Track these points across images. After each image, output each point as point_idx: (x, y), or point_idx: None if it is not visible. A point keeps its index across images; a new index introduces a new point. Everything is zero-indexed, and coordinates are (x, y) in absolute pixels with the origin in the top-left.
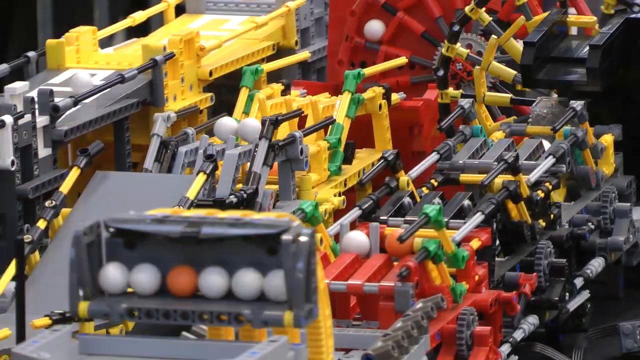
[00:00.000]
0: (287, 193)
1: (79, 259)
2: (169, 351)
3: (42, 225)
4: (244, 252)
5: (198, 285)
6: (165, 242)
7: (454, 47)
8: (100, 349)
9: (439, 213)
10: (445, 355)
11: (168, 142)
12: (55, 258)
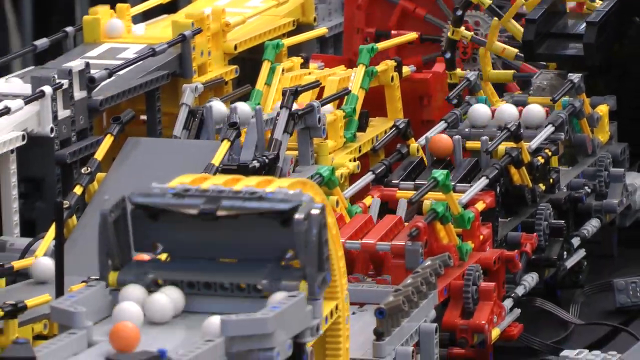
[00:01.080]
0: (306, 158)
1: (106, 235)
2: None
3: (78, 191)
4: (259, 226)
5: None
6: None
7: (459, 30)
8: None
9: (446, 177)
10: (453, 309)
11: (196, 111)
12: (92, 222)
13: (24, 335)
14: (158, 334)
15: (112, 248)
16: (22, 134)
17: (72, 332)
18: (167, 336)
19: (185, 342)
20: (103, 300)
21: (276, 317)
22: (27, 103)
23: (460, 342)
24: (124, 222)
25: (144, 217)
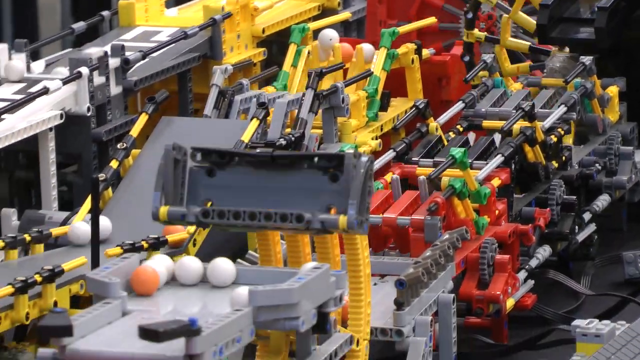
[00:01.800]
0: (330, 137)
1: (166, 170)
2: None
3: (114, 165)
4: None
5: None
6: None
7: (473, 32)
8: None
9: (464, 155)
10: (469, 281)
11: (225, 91)
12: (126, 194)
13: (62, 296)
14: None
15: (167, 183)
16: (61, 112)
17: (106, 302)
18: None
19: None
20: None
21: (301, 288)
22: (65, 83)
23: (477, 311)
24: (182, 168)
25: (201, 173)
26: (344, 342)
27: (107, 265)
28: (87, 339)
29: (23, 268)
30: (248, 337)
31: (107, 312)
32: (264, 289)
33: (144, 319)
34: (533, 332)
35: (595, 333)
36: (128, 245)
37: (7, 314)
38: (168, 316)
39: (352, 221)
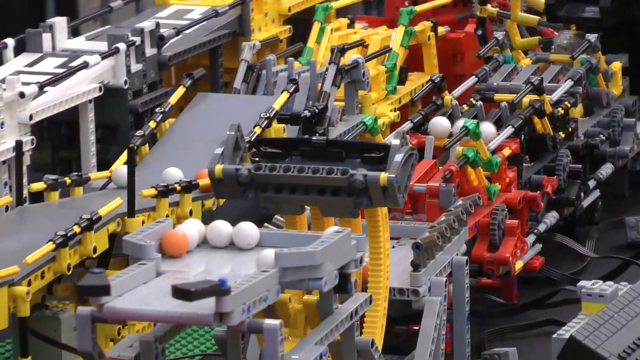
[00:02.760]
0: (352, 109)
1: (228, 138)
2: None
3: (152, 124)
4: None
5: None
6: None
7: (486, 8)
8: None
9: (476, 126)
10: (481, 244)
11: (254, 66)
12: (160, 153)
13: (100, 238)
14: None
15: (228, 149)
16: (99, 85)
17: (142, 263)
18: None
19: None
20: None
21: (324, 251)
22: (103, 58)
23: (488, 273)
24: (241, 138)
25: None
26: (363, 302)
27: (142, 229)
28: (123, 298)
29: (63, 208)
30: (274, 296)
31: (142, 273)
32: (289, 251)
33: (176, 279)
34: (541, 292)
35: (599, 293)
36: (162, 187)
37: (50, 267)
38: (199, 276)
39: (392, 179)
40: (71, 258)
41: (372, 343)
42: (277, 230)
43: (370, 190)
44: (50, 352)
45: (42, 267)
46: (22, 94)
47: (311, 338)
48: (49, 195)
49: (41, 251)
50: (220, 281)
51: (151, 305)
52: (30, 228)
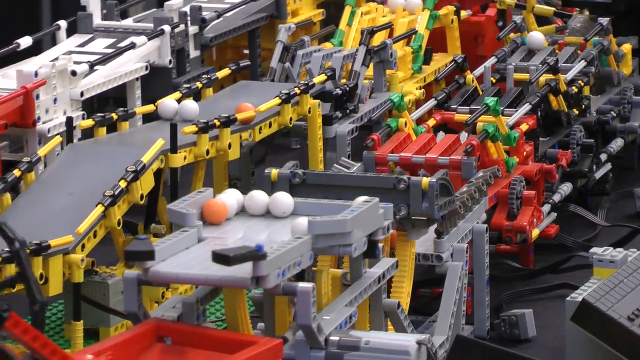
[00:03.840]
0: (380, 87)
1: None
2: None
3: (199, 85)
4: None
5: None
6: None
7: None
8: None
9: (496, 103)
10: (500, 213)
11: (289, 47)
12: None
13: (146, 179)
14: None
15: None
16: (146, 64)
17: (184, 230)
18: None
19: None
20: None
21: (354, 219)
22: (150, 39)
23: (506, 240)
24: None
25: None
26: (390, 266)
27: (184, 198)
28: (167, 262)
29: (111, 143)
30: (307, 261)
31: (185, 239)
32: (321, 219)
33: (216, 245)
34: (555, 258)
35: (610, 259)
36: (202, 123)
37: (102, 224)
38: (237, 242)
39: (433, 183)
40: (120, 208)
41: (398, 305)
42: (309, 200)
43: (411, 190)
44: (99, 315)
45: (94, 227)
46: (74, 72)
47: (341, 300)
48: (97, 131)
49: (91, 217)
50: (257, 247)
51: (192, 270)
52: (82, 173)
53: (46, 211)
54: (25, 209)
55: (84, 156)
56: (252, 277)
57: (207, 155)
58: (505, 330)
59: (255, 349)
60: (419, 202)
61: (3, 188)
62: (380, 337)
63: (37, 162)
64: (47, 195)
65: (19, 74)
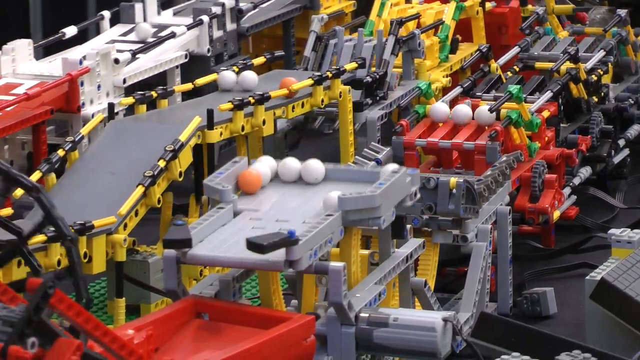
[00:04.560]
0: (409, 75)
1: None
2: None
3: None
4: None
5: None
6: None
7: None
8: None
9: (519, 91)
10: (523, 195)
11: (322, 36)
12: None
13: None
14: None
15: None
16: (185, 53)
17: (220, 207)
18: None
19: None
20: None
21: (383, 193)
22: (189, 29)
23: (528, 221)
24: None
25: None
26: (417, 246)
27: (220, 171)
28: (204, 244)
29: (151, 121)
30: (338, 236)
31: (221, 217)
32: (351, 195)
33: (251, 219)
34: (575, 239)
35: (627, 240)
36: (237, 100)
37: (142, 203)
38: (271, 212)
39: (460, 184)
40: (160, 186)
41: (425, 283)
42: (338, 166)
43: (439, 189)
44: (140, 292)
45: (135, 207)
46: (117, 60)
47: (371, 278)
48: (138, 109)
49: (132, 198)
50: (289, 233)
51: (229, 253)
52: (125, 151)
53: (89, 191)
54: (69, 189)
55: (125, 134)
56: (285, 261)
57: (242, 131)
58: (527, 307)
59: (289, 325)
60: (446, 201)
61: (48, 168)
62: (407, 314)
63: (80, 141)
64: (90, 175)
65: (65, 61)
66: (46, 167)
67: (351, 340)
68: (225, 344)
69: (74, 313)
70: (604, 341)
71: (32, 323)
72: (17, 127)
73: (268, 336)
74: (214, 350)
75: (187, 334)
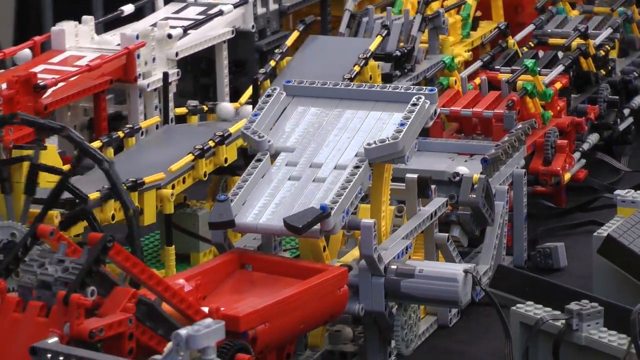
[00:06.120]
0: (434, 49)
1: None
2: (359, 95)
3: (272, 63)
4: None
5: None
6: None
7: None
8: (304, 92)
9: (534, 64)
10: (537, 159)
11: (355, 14)
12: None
13: (231, 150)
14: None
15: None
16: (232, 29)
17: (258, 159)
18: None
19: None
20: (278, 101)
21: (405, 135)
22: (235, 7)
23: (542, 182)
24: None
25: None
26: (441, 205)
27: (256, 113)
28: (246, 209)
29: (201, 128)
30: (367, 184)
31: (260, 169)
32: (376, 145)
33: (287, 165)
34: (584, 199)
35: (631, 200)
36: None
37: (190, 174)
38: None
39: (482, 179)
40: (207, 167)
41: (448, 238)
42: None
43: (462, 183)
44: (190, 242)
45: (184, 173)
46: (170, 36)
47: (399, 234)
48: (190, 119)
49: (183, 161)
50: (321, 208)
51: (269, 222)
52: (174, 143)
53: (143, 161)
54: (125, 160)
55: (177, 133)
56: (320, 231)
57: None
58: (540, 260)
59: (324, 276)
60: (467, 192)
61: (107, 142)
62: (432, 266)
63: (138, 131)
64: (145, 153)
65: (123, 36)
66: (106, 139)
67: (381, 289)
68: (267, 292)
69: (131, 264)
70: (609, 292)
71: (92, 273)
72: (80, 95)
73: (305, 286)
74: (256, 298)
75: (232, 284)
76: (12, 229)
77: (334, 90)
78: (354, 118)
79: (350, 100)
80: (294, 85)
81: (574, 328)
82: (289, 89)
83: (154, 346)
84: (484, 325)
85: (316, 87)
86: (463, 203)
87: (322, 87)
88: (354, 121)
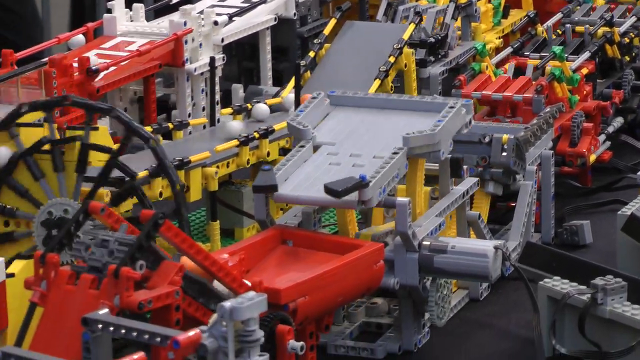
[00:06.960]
0: (467, 36)
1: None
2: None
3: (311, 54)
4: None
5: None
6: None
7: None
8: (347, 102)
9: (562, 51)
10: (564, 141)
11: (392, 3)
12: (320, 75)
13: (273, 149)
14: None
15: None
16: (274, 16)
17: (301, 145)
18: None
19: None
20: (322, 105)
21: (442, 129)
22: None
23: (568, 163)
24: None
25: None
26: (472, 184)
27: (301, 109)
28: (288, 184)
29: (246, 127)
30: (403, 170)
31: (303, 154)
32: (414, 135)
33: (329, 154)
34: (609, 179)
35: None
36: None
37: (234, 160)
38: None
39: (512, 140)
40: (250, 157)
41: (479, 216)
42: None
43: (493, 143)
44: (234, 218)
45: (228, 158)
46: (216, 22)
47: (432, 211)
48: (235, 117)
49: (228, 144)
50: (360, 177)
51: (309, 193)
52: (220, 136)
53: (190, 146)
54: (173, 145)
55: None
56: (359, 201)
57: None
58: (567, 237)
59: (362, 251)
60: (499, 154)
61: (157, 129)
62: (463, 242)
63: (186, 126)
64: (192, 141)
65: (171, 23)
66: (156, 127)
67: (415, 264)
68: (307, 267)
69: (180, 240)
70: (633, 268)
71: (142, 248)
72: (130, 79)
73: (343, 261)
74: (296, 272)
75: (274, 258)
76: (65, 206)
77: (375, 100)
78: (393, 122)
79: (390, 110)
80: (338, 95)
81: (599, 302)
82: (332, 99)
83: (200, 317)
84: (513, 299)
85: (358, 97)
86: (495, 164)
87: (364, 97)
88: (392, 124)
